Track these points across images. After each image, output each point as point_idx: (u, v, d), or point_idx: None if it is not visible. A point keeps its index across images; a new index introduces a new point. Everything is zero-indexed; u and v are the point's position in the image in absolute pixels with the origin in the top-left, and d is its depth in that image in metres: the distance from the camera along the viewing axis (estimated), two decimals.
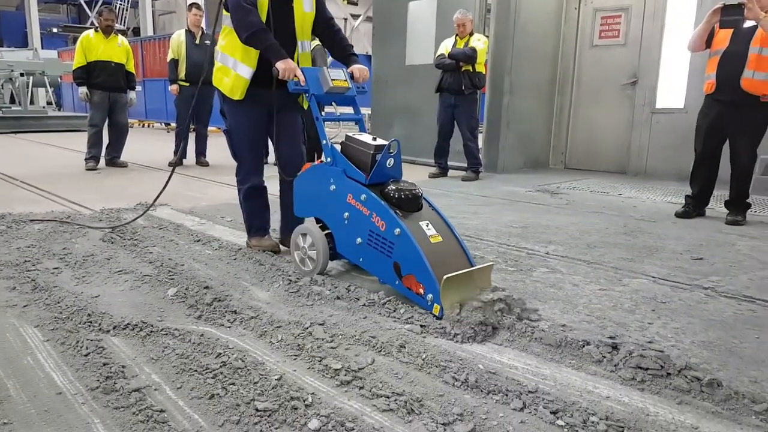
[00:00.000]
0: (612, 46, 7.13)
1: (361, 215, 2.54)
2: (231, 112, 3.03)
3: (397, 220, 2.39)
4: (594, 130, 7.39)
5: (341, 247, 2.70)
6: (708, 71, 4.25)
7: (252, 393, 1.68)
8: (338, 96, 2.90)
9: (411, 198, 2.52)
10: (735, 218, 4.22)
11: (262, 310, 2.33)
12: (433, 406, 1.65)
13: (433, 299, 2.25)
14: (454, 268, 2.31)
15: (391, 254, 2.41)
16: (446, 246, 2.47)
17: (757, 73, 3.97)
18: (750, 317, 2.38)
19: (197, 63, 6.93)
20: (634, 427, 1.54)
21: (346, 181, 2.63)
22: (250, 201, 3.19)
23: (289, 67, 2.72)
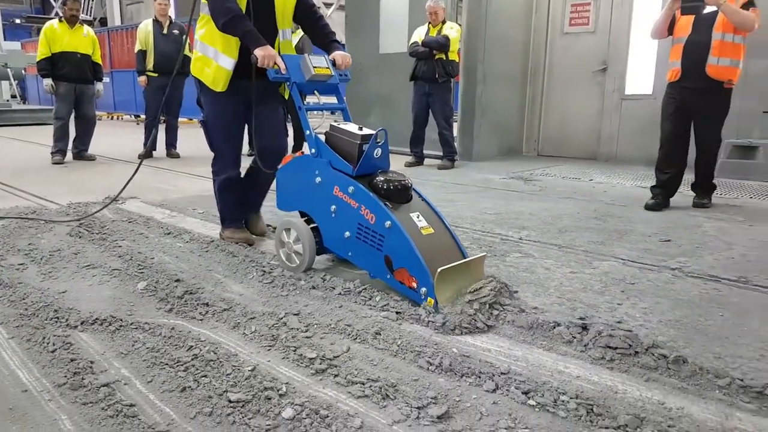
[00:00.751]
0: (582, 33, 7.19)
1: (349, 208, 2.46)
2: (209, 103, 2.95)
3: (387, 212, 2.32)
4: (565, 117, 7.47)
5: (329, 242, 2.63)
6: (672, 58, 4.25)
7: (225, 384, 1.67)
8: (321, 84, 2.81)
9: (400, 189, 2.45)
10: (701, 201, 4.29)
11: (235, 302, 2.31)
12: (408, 390, 1.66)
13: (426, 293, 2.20)
14: (447, 260, 2.25)
15: (382, 247, 2.35)
16: (438, 238, 2.41)
17: (721, 59, 3.99)
18: (715, 296, 2.44)
19: (165, 53, 6.81)
20: (603, 405, 1.57)
21: (332, 172, 2.55)
22: (225, 193, 3.12)
23: (268, 54, 2.64)
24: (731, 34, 3.98)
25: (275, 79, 2.69)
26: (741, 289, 2.52)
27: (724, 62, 4.01)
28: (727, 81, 4.05)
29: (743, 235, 3.43)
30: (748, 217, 3.92)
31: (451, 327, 2.05)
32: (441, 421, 1.51)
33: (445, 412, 1.54)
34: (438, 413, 1.53)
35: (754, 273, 2.72)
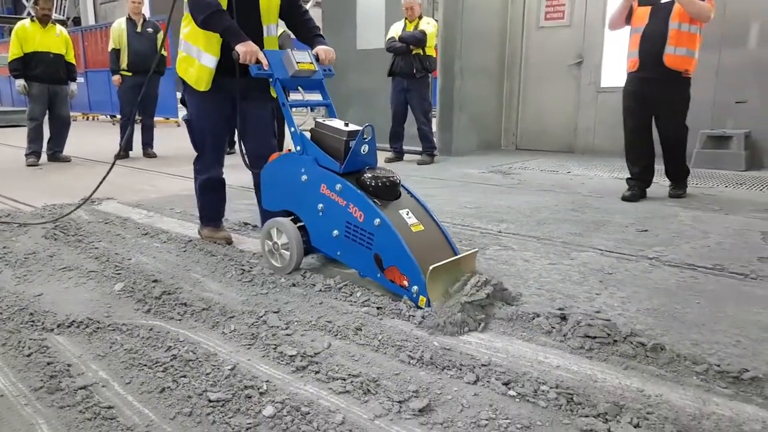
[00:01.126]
0: (557, 27, 7.25)
1: (337, 206, 2.42)
2: (193, 102, 2.89)
3: (376, 210, 2.28)
4: (542, 110, 7.53)
5: (316, 241, 2.57)
6: (630, 49, 4.23)
7: (204, 384, 1.66)
8: (304, 80, 2.74)
9: (389, 186, 2.41)
10: (676, 192, 4.30)
11: (213, 301, 2.29)
12: (389, 385, 1.66)
13: (418, 291, 2.17)
14: (438, 257, 2.22)
15: (372, 246, 2.30)
16: (428, 235, 2.37)
17: (678, 48, 3.99)
18: (692, 284, 2.48)
19: (139, 52, 6.72)
20: (582, 394, 1.59)
21: (318, 170, 2.50)
22: (206, 192, 3.08)
23: (250, 50, 2.57)
24: (687, 24, 3.98)
25: (257, 75, 2.62)
26: (717, 277, 2.57)
27: (681, 52, 4.01)
28: (684, 71, 4.05)
29: (719, 224, 3.48)
30: (723, 206, 3.98)
31: (444, 327, 1.99)
32: (422, 414, 1.51)
33: (426, 405, 1.54)
34: (419, 406, 1.53)
35: (730, 261, 2.77)
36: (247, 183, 5.03)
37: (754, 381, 1.65)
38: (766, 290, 2.39)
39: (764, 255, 2.85)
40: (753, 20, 5.73)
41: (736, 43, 5.82)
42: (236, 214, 3.79)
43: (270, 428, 1.46)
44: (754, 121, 5.76)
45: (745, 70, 5.80)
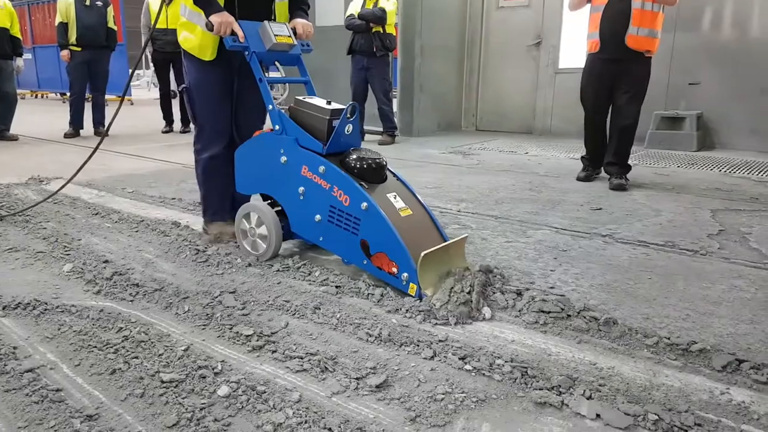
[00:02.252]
0: (517, 7, 7.27)
1: (320, 189, 2.28)
2: (193, 70, 2.61)
3: (363, 193, 2.15)
4: (502, 91, 7.57)
5: (297, 226, 2.43)
6: (591, 29, 4.10)
7: (157, 365, 1.61)
8: (282, 55, 2.57)
9: (375, 168, 2.28)
10: (620, 182, 4.01)
11: (167, 282, 2.23)
12: (347, 362, 1.65)
13: (408, 278, 2.05)
14: (428, 243, 2.13)
15: (358, 231, 2.18)
16: (416, 219, 2.26)
17: (641, 29, 3.85)
18: (644, 260, 2.55)
19: (89, 26, 6.46)
20: (537, 367, 1.61)
21: (299, 151, 2.34)
22: (210, 175, 2.72)
23: (225, 20, 2.38)
24: (650, 3, 3.84)
25: (232, 47, 2.43)
26: (668, 253, 2.64)
27: (644, 32, 3.87)
28: (645, 51, 3.94)
29: (670, 203, 3.58)
30: (675, 186, 4.10)
31: (438, 316, 1.92)
32: (380, 390, 1.51)
33: (383, 381, 1.54)
34: (377, 382, 1.53)
35: (680, 237, 2.85)
36: None
37: (702, 353, 1.70)
38: (714, 266, 2.47)
39: (713, 232, 2.95)
40: (706, 4, 5.86)
41: (689, 26, 5.96)
42: (192, 194, 3.69)
43: (225, 408, 1.43)
44: (706, 103, 5.94)
45: (698, 52, 5.95)
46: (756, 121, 5.73)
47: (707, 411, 1.43)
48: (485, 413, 1.42)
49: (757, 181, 4.27)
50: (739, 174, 4.54)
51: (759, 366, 1.62)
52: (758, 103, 5.68)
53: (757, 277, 2.34)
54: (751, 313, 2.00)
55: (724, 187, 4.02)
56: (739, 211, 3.36)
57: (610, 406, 1.43)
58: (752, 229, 3.00)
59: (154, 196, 3.66)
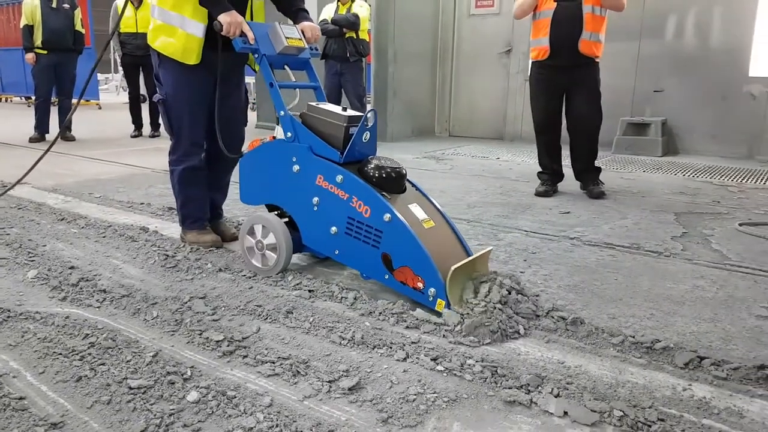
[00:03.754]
0: (487, 15, 7.37)
1: (337, 200, 2.16)
2: (172, 78, 2.49)
3: (386, 204, 2.04)
4: (474, 98, 7.66)
5: (309, 239, 2.30)
6: (536, 35, 3.89)
7: (124, 372, 1.59)
8: (291, 58, 2.46)
9: (395, 177, 2.16)
10: (601, 190, 3.93)
11: (135, 288, 2.19)
12: (320, 365, 1.65)
13: (436, 294, 1.94)
14: (452, 256, 2.04)
15: (379, 244, 2.06)
16: (440, 232, 2.15)
17: (592, 34, 3.73)
18: (610, 261, 2.60)
19: (55, 29, 6.34)
20: (506, 366, 1.64)
21: (314, 159, 2.22)
22: (187, 186, 2.65)
23: (234, 20, 2.26)
24: (599, 8, 3.74)
25: (242, 50, 2.33)
26: (633, 255, 2.70)
27: (594, 37, 3.76)
28: (595, 56, 3.82)
29: (636, 206, 3.67)
30: (640, 190, 4.20)
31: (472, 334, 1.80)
32: (352, 393, 1.51)
33: (356, 384, 1.54)
34: (349, 385, 1.53)
35: (645, 239, 2.92)
36: None
37: (665, 350, 1.75)
38: (677, 267, 2.54)
39: (677, 234, 3.03)
40: (670, 13, 6.03)
41: (654, 34, 6.12)
42: (161, 198, 3.65)
43: (194, 413, 1.41)
44: (670, 109, 6.10)
45: (662, 60, 6.11)
46: (717, 127, 5.92)
47: (670, 406, 1.46)
48: (456, 413, 1.44)
49: (719, 185, 4.40)
50: (701, 178, 4.67)
51: (719, 362, 1.67)
52: (719, 110, 5.86)
53: (718, 277, 2.41)
54: (713, 312, 2.06)
55: (688, 191, 4.14)
56: (702, 214, 3.46)
57: (578, 403, 1.46)
58: (714, 231, 3.09)
59: (122, 201, 3.61)
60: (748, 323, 1.97)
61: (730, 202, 3.79)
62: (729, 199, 3.86)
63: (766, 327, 1.94)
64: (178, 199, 2.70)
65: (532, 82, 4.08)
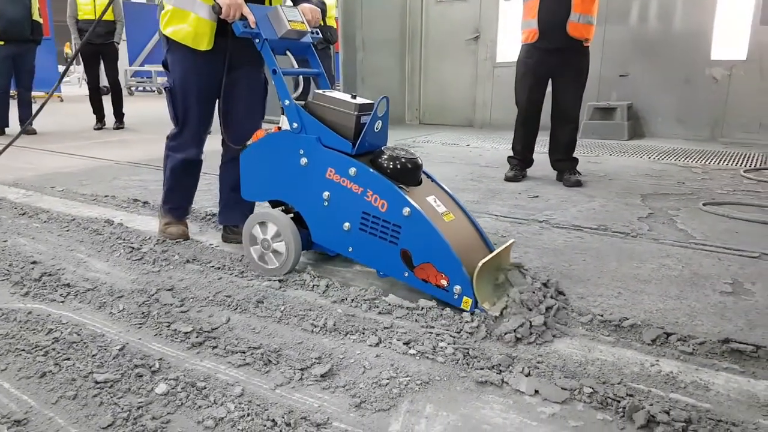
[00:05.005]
0: (455, 2, 7.36)
1: (350, 194, 2.03)
2: (180, 64, 2.37)
3: (405, 198, 1.93)
4: (443, 85, 7.66)
5: (319, 236, 2.17)
6: (527, 17, 3.86)
7: (90, 366, 1.55)
8: (292, 43, 2.33)
9: (411, 168, 2.05)
10: (578, 179, 3.86)
11: (100, 281, 2.14)
12: (292, 354, 1.63)
13: (461, 291, 1.84)
14: (474, 250, 1.97)
15: (398, 240, 1.95)
16: (460, 225, 2.06)
17: (582, 16, 3.69)
18: (578, 243, 2.64)
19: (13, 19, 6.13)
20: (478, 348, 1.65)
21: (323, 151, 2.09)
22: (178, 175, 2.57)
23: (234, 2, 2.15)
24: None
25: (242, 34, 2.19)
26: (601, 236, 2.74)
27: (584, 20, 3.71)
28: (584, 40, 3.78)
29: (603, 189, 3.72)
30: (607, 173, 4.26)
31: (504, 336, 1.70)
32: (324, 379, 1.51)
33: (328, 370, 1.53)
34: (321, 372, 1.52)
35: (612, 221, 2.97)
36: (137, 159, 4.77)
37: (633, 328, 1.78)
38: (644, 246, 2.59)
39: (643, 215, 3.08)
40: None
41: (619, 20, 6.20)
42: (125, 190, 3.57)
43: (163, 405, 1.39)
44: (635, 94, 6.20)
45: (627, 45, 6.20)
46: (681, 110, 6.04)
47: (638, 382, 1.49)
48: (429, 395, 1.44)
49: (683, 166, 4.49)
50: (666, 161, 4.76)
51: (685, 338, 1.71)
52: (683, 93, 5.98)
53: (683, 255, 2.46)
54: (678, 289, 2.10)
55: (653, 173, 4.21)
56: (667, 195, 3.53)
57: (548, 381, 1.48)
58: (679, 211, 3.15)
59: (85, 194, 3.51)
60: (713, 299, 2.01)
61: (694, 183, 3.88)
62: (693, 180, 3.95)
63: (729, 302, 1.99)
64: (167, 184, 2.62)
65: (519, 65, 4.03)
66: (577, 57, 3.86)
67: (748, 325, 1.81)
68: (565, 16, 3.69)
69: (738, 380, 1.51)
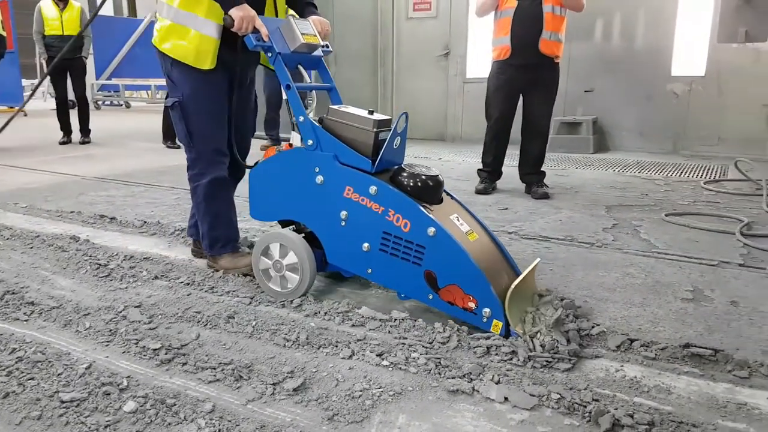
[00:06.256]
0: (425, 18, 7.47)
1: (370, 213, 1.96)
2: (188, 83, 2.23)
3: (429, 217, 1.87)
4: (415, 100, 7.74)
5: (336, 257, 2.08)
6: (499, 34, 3.91)
7: (56, 385, 1.52)
8: (304, 57, 2.24)
9: (433, 186, 1.99)
10: (545, 191, 3.96)
11: (66, 299, 2.10)
12: (264, 368, 1.63)
13: (491, 314, 1.79)
14: (500, 271, 1.93)
15: (421, 261, 1.88)
16: (484, 245, 2.01)
17: (552, 33, 3.78)
18: (546, 253, 2.69)
19: None
20: (450, 358, 1.67)
21: (340, 170, 2.01)
22: (215, 202, 2.34)
23: (247, 15, 2.06)
24: (559, 7, 3.80)
25: (256, 48, 2.11)
26: (567, 246, 2.80)
27: (554, 37, 3.81)
28: (555, 57, 3.88)
29: (569, 201, 3.80)
30: (573, 185, 4.35)
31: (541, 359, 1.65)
32: (297, 393, 1.51)
33: (301, 384, 1.53)
34: (294, 386, 1.52)
35: (578, 232, 3.04)
36: (104, 174, 4.70)
37: (599, 335, 1.82)
38: (609, 256, 2.65)
39: (608, 226, 3.16)
40: (598, 16, 6.29)
41: (584, 36, 6.37)
42: (92, 206, 3.51)
43: (132, 423, 1.37)
44: (600, 109, 6.37)
45: (592, 62, 6.37)
46: (644, 124, 6.22)
47: (604, 387, 1.53)
48: (402, 405, 1.45)
49: (646, 179, 4.62)
50: (630, 173, 4.89)
51: (648, 344, 1.76)
52: (645, 108, 6.16)
53: (646, 264, 2.53)
54: (642, 297, 2.16)
55: (617, 186, 4.33)
56: (631, 207, 3.63)
57: (517, 388, 1.51)
58: (642, 222, 3.24)
59: (50, 210, 3.44)
60: (674, 306, 2.08)
61: (656, 194, 3.99)
62: (656, 192, 4.07)
63: (690, 309, 2.05)
64: (205, 220, 2.37)
65: (490, 81, 4.08)
66: (548, 73, 3.95)
67: (707, 330, 1.87)
68: (537, 34, 3.78)
69: (698, 383, 1.56)
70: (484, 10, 3.99)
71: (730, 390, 1.53)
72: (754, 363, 1.64)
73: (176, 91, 2.26)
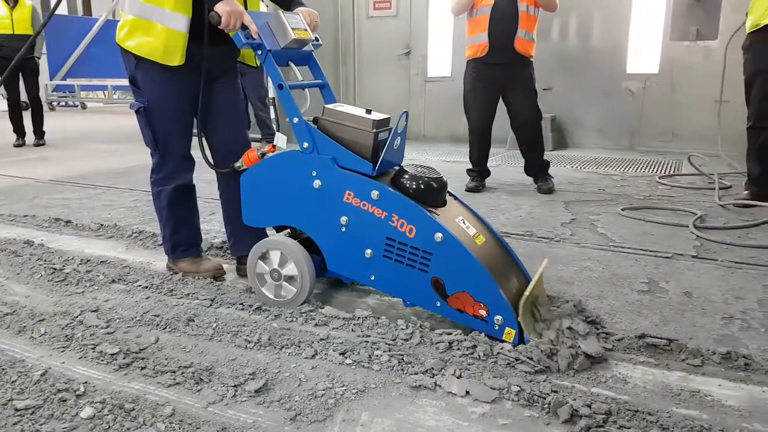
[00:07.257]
0: (385, 17, 7.49)
1: (372, 219, 1.88)
2: (152, 82, 2.12)
3: (437, 223, 1.80)
4: (377, 99, 7.74)
5: (336, 264, 2.00)
6: (475, 32, 3.90)
7: (10, 393, 1.48)
8: (294, 53, 2.13)
9: (437, 188, 1.92)
10: (550, 186, 4.00)
11: (20, 305, 2.04)
12: (224, 371, 1.61)
13: (503, 322, 1.73)
14: (511, 276, 1.89)
15: (428, 268, 1.82)
16: (492, 248, 1.95)
17: (527, 32, 3.81)
18: None
19: None
20: (412, 354, 1.68)
21: (339, 173, 1.92)
22: (177, 208, 2.29)
23: (235, 10, 1.92)
24: (533, 7, 3.83)
25: (245, 46, 1.99)
26: (527, 241, 2.86)
27: (528, 36, 3.84)
28: (529, 56, 3.92)
29: (529, 197, 3.87)
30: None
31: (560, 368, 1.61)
32: (259, 395, 1.50)
33: (263, 385, 1.53)
34: (256, 387, 1.52)
35: (538, 227, 3.09)
36: (59, 176, 4.56)
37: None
38: (567, 250, 2.71)
39: (566, 221, 3.23)
40: (555, 16, 6.39)
41: (542, 36, 6.44)
42: (47, 210, 3.41)
43: (89, 430, 1.34)
44: (558, 107, 6.48)
45: (550, 61, 6.46)
46: (601, 121, 6.37)
47: (563, 379, 1.57)
48: (365, 402, 1.46)
49: (604, 174, 4.74)
50: (588, 169, 5.00)
51: (606, 335, 1.81)
52: (602, 106, 6.31)
53: (603, 258, 2.60)
54: (599, 290, 2.22)
55: (576, 181, 4.42)
56: (588, 202, 3.71)
57: (478, 382, 1.53)
58: (599, 216, 3.32)
59: (3, 215, 3.33)
60: (630, 298, 2.14)
61: (613, 189, 4.10)
62: (612, 187, 4.17)
63: (645, 300, 2.11)
64: (167, 226, 2.32)
65: (467, 80, 4.06)
66: (524, 70, 3.98)
67: (662, 321, 1.93)
68: (513, 32, 3.80)
69: (653, 372, 1.61)
70: (461, 7, 3.95)
71: (684, 378, 1.59)
72: (707, 351, 1.70)
73: (141, 95, 2.16)
